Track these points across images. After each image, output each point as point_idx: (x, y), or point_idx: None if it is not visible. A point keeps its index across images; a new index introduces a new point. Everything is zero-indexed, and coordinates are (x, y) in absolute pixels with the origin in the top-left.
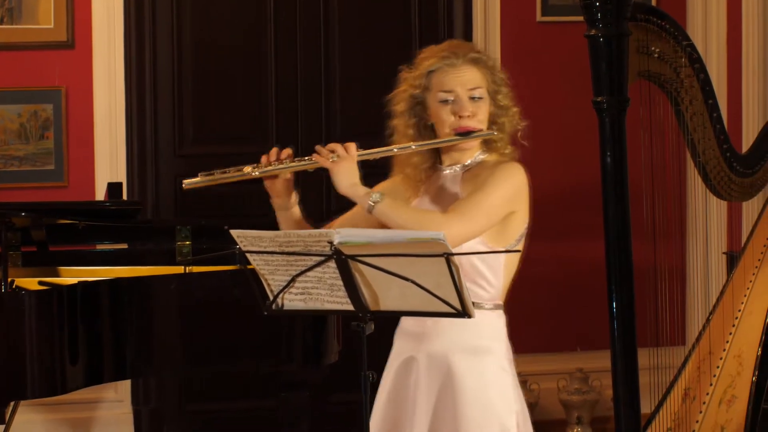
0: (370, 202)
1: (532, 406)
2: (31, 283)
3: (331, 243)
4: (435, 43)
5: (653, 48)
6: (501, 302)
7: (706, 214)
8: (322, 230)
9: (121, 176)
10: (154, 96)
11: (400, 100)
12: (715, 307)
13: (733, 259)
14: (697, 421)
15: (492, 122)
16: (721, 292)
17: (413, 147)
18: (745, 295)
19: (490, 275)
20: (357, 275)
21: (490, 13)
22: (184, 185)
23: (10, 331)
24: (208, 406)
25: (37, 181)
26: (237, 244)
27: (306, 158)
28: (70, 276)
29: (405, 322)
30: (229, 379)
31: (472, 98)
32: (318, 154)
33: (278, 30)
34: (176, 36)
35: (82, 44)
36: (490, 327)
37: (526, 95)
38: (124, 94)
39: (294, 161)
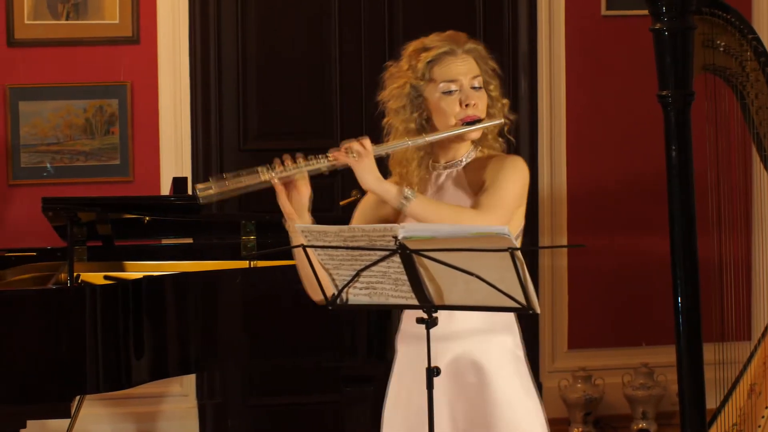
0: (402, 200)
1: (597, 401)
2: (96, 278)
3: (395, 238)
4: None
5: (718, 41)
6: None
7: None
8: (387, 225)
9: (187, 171)
10: (219, 91)
11: (396, 96)
12: None
13: None
14: (762, 417)
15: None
16: None
17: (426, 138)
18: None
19: None
20: (421, 270)
21: (554, 6)
22: (200, 197)
23: (76, 325)
24: (271, 401)
25: (102, 176)
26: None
27: (320, 156)
28: (136, 270)
29: (406, 324)
30: (292, 374)
31: (474, 87)
32: (333, 154)
33: (342, 24)
34: (241, 30)
35: (147, 39)
36: (500, 317)
37: (591, 88)
38: (189, 89)
39: (310, 160)
